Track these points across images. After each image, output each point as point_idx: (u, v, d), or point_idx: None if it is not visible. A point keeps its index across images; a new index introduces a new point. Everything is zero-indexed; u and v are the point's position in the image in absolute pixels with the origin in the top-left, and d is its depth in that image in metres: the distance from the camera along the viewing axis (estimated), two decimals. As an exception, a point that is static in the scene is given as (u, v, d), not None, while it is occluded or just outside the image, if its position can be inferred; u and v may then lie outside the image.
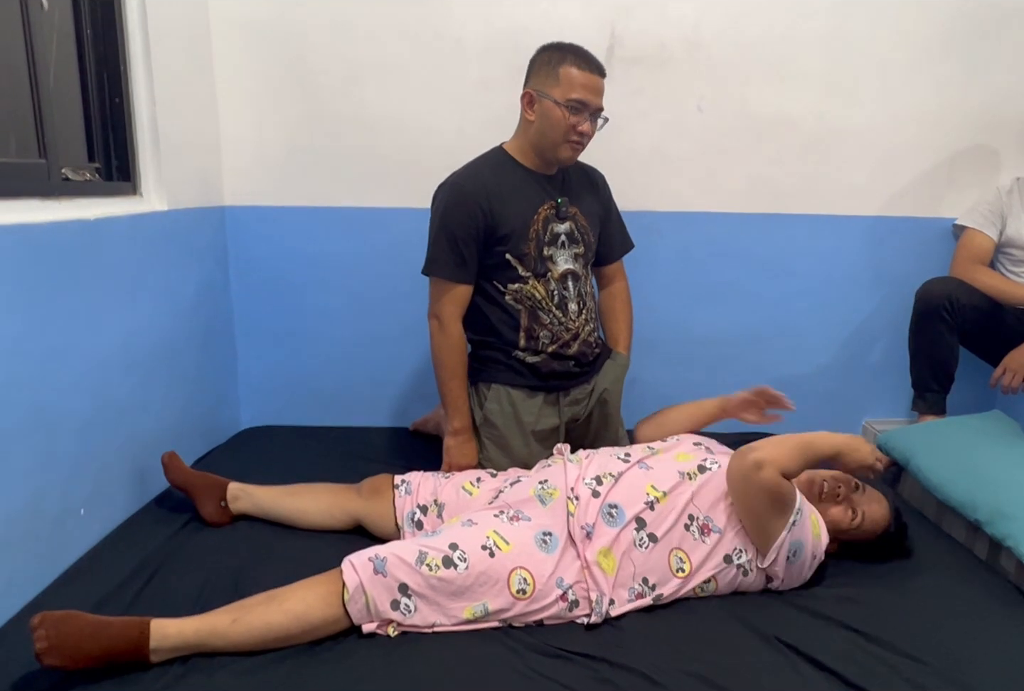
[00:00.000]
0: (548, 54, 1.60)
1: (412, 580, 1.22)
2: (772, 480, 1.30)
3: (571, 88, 1.56)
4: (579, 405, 1.81)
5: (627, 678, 1.14)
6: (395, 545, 1.29)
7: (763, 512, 1.33)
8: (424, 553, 1.25)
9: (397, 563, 1.23)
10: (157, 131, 1.76)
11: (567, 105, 1.57)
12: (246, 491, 1.60)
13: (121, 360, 1.59)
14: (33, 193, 1.41)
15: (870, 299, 2.28)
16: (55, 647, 1.04)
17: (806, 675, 1.16)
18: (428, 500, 1.52)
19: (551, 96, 1.57)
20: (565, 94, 1.56)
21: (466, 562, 1.25)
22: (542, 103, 1.59)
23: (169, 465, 1.60)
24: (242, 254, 2.18)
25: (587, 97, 1.57)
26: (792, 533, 1.32)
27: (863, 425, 2.36)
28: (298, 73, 2.06)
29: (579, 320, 1.74)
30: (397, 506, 1.52)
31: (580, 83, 1.56)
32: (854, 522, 1.45)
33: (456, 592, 1.23)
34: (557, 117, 1.58)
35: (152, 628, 1.12)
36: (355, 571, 1.21)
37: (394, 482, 1.58)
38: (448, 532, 1.33)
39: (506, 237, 1.64)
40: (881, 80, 2.12)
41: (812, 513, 1.40)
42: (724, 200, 2.19)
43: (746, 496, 1.34)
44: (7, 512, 1.24)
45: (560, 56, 1.58)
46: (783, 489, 1.31)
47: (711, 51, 2.08)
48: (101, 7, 1.65)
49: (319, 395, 2.29)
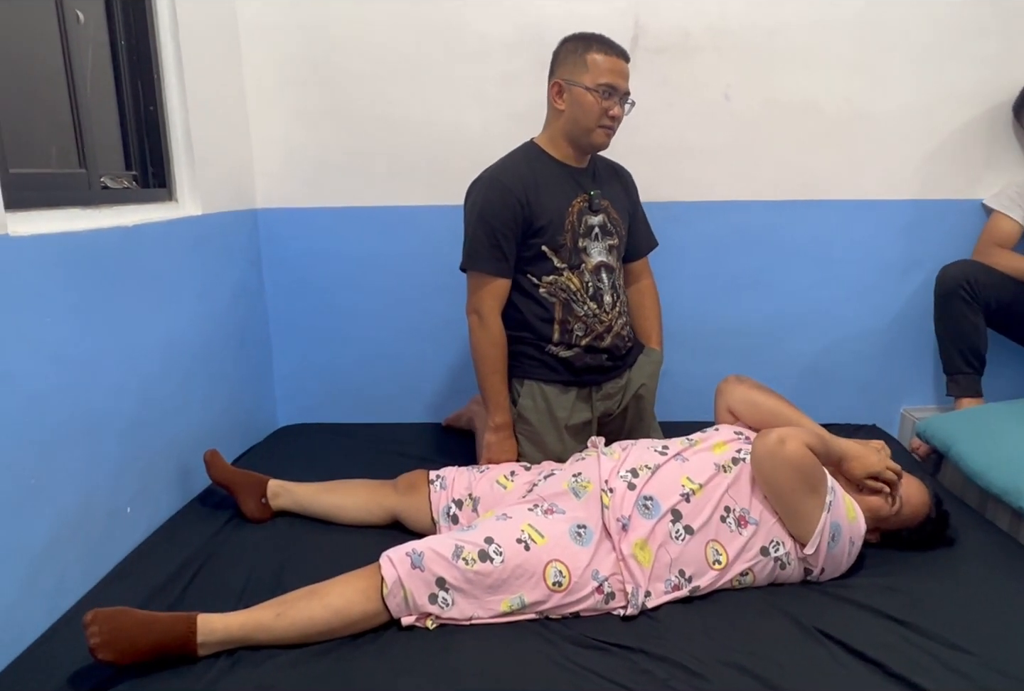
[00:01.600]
0: (572, 43, 1.63)
1: (449, 574, 1.24)
2: (798, 452, 1.29)
3: (600, 73, 1.59)
4: (612, 399, 1.81)
5: (666, 669, 1.14)
6: (431, 540, 1.31)
7: (795, 492, 1.31)
8: (460, 547, 1.26)
9: (434, 558, 1.24)
10: (190, 138, 1.80)
11: (598, 90, 1.59)
12: (285, 488, 1.63)
13: (161, 362, 1.64)
14: (74, 202, 1.45)
15: (907, 285, 2.24)
16: (107, 642, 1.08)
17: (847, 665, 1.15)
18: (463, 494, 1.54)
19: (581, 83, 1.60)
20: (595, 79, 1.59)
21: (502, 556, 1.26)
22: (572, 91, 1.61)
23: (211, 463, 1.64)
24: (275, 255, 2.22)
25: (616, 81, 1.60)
26: (831, 515, 1.31)
27: (901, 413, 2.31)
28: (324, 75, 2.09)
29: (613, 312, 1.75)
30: (432, 501, 1.54)
31: (608, 68, 1.59)
32: (893, 508, 1.43)
33: (493, 585, 1.25)
34: (589, 102, 1.60)
35: (199, 623, 1.15)
36: (393, 566, 1.23)
37: (429, 477, 1.59)
38: (483, 526, 1.34)
39: (543, 229, 1.65)
40: (913, 61, 2.08)
41: (844, 495, 1.38)
42: (753, 188, 2.17)
43: (774, 476, 1.32)
44: (58, 511, 1.29)
45: (585, 44, 1.61)
46: (810, 461, 1.30)
47: (737, 38, 2.05)
48: (134, 18, 1.69)
49: (353, 393, 2.32)
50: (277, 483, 1.64)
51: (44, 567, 1.25)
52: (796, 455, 1.29)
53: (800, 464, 1.30)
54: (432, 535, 1.41)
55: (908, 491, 1.46)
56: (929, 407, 2.30)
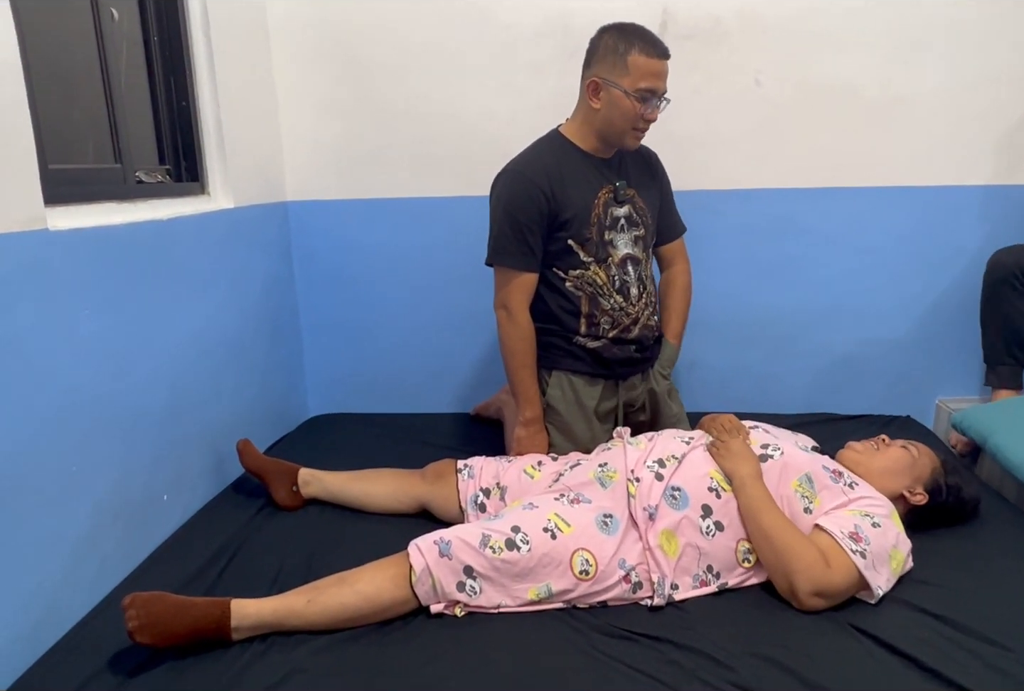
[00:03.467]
0: (613, 40, 1.55)
1: (476, 562, 1.25)
2: (830, 583, 1.24)
3: (641, 77, 1.53)
4: (635, 390, 1.81)
5: (694, 660, 1.14)
6: (459, 529, 1.32)
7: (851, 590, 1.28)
8: (487, 536, 1.27)
9: (461, 546, 1.26)
10: (222, 132, 1.82)
11: (637, 95, 1.54)
12: (315, 476, 1.66)
13: (194, 353, 1.67)
14: (111, 197, 1.48)
15: (944, 273, 2.18)
16: (145, 626, 1.11)
17: (880, 659, 1.13)
18: (491, 483, 1.55)
19: (620, 85, 1.54)
20: (635, 84, 1.53)
21: (528, 544, 1.27)
22: (610, 92, 1.56)
23: (243, 451, 1.67)
24: (305, 247, 2.25)
25: (656, 85, 1.55)
26: (869, 569, 1.26)
27: (936, 404, 2.27)
28: (352, 68, 2.10)
29: (639, 305, 1.73)
30: (460, 490, 1.55)
31: (649, 71, 1.53)
32: (913, 452, 1.49)
33: (520, 573, 1.26)
34: (627, 106, 1.55)
35: (232, 608, 1.17)
36: (421, 554, 1.25)
37: (457, 467, 1.61)
38: (510, 515, 1.35)
39: (568, 222, 1.64)
40: (950, 42, 2.01)
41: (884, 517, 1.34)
42: (784, 176, 2.13)
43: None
44: (97, 499, 1.33)
45: (627, 43, 1.53)
46: (842, 573, 1.24)
47: (767, 22, 2.01)
48: (167, 15, 1.71)
49: (382, 383, 2.34)
50: (308, 472, 1.66)
51: (85, 552, 1.29)
52: (832, 587, 1.24)
53: (838, 588, 1.25)
54: (460, 524, 1.42)
55: (915, 443, 1.53)
56: (965, 398, 2.24)
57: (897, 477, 1.46)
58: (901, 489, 1.45)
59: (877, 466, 1.47)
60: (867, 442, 1.54)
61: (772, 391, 2.27)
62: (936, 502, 1.47)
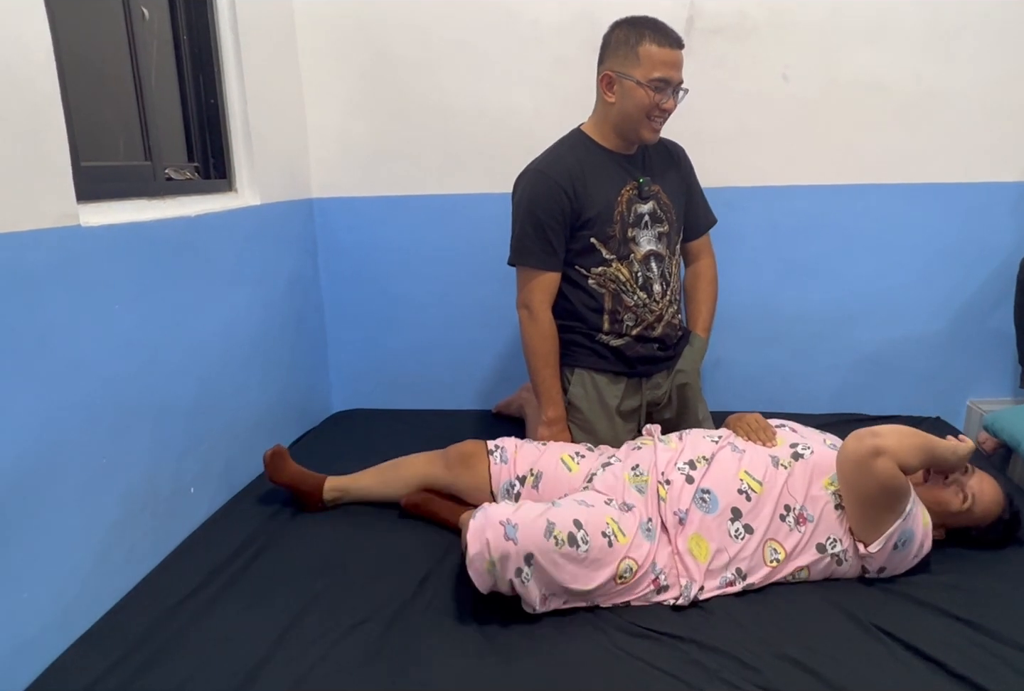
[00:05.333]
0: (624, 32, 1.55)
1: (539, 550, 1.20)
2: (888, 471, 1.23)
3: (653, 67, 1.52)
4: (660, 389, 1.79)
5: (717, 660, 1.13)
6: (524, 511, 1.25)
7: (873, 503, 1.27)
8: (552, 524, 1.23)
9: (528, 532, 1.20)
10: (249, 129, 1.84)
11: (650, 85, 1.53)
12: (340, 489, 1.63)
13: (221, 348, 1.69)
14: (140, 193, 1.50)
15: (976, 272, 2.14)
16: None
17: (907, 664, 1.12)
18: (526, 470, 1.52)
19: (632, 76, 1.53)
20: (647, 74, 1.52)
21: (588, 544, 1.24)
22: (623, 84, 1.56)
23: (271, 463, 1.62)
24: (330, 244, 2.26)
25: (669, 74, 1.53)
26: (905, 522, 1.27)
27: (967, 405, 2.22)
28: (378, 65, 2.11)
29: (663, 301, 1.72)
30: (492, 474, 1.53)
31: (661, 60, 1.52)
32: (964, 505, 1.37)
33: (570, 571, 1.23)
34: (640, 97, 1.54)
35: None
36: (485, 535, 1.19)
37: (488, 448, 1.57)
38: (568, 507, 1.30)
39: (591, 220, 1.63)
40: (985, 35, 1.97)
41: (921, 506, 1.33)
42: (812, 172, 2.10)
43: (857, 483, 1.27)
44: (126, 489, 1.35)
45: (638, 33, 1.53)
46: (897, 483, 1.25)
47: (796, 16, 1.98)
48: (196, 14, 1.73)
49: (406, 379, 2.36)
50: (331, 486, 1.63)
51: (115, 541, 1.32)
52: (884, 474, 1.23)
53: (885, 483, 1.24)
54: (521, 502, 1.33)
55: (981, 487, 1.40)
56: (997, 399, 2.20)
57: (929, 511, 1.36)
58: None
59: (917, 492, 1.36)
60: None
61: (799, 390, 2.25)
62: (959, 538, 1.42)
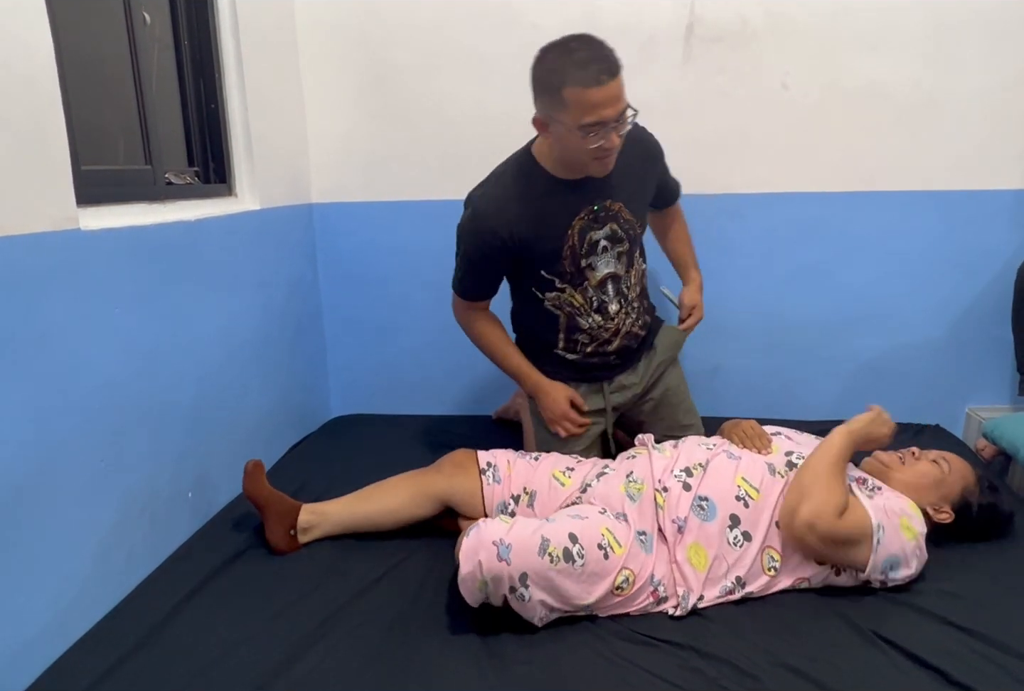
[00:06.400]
0: (545, 72, 1.38)
1: (534, 569, 1.19)
2: (830, 531, 1.25)
3: (582, 112, 1.34)
4: (628, 390, 1.77)
5: (716, 668, 1.13)
6: (517, 528, 1.24)
7: (841, 553, 1.29)
8: (547, 541, 1.22)
9: (521, 551, 1.20)
10: (250, 134, 1.84)
11: (582, 131, 1.37)
12: (319, 512, 1.51)
13: (220, 352, 1.69)
14: (141, 197, 1.50)
15: (975, 279, 2.14)
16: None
17: (907, 672, 1.12)
18: (519, 489, 1.52)
19: (562, 121, 1.38)
20: (577, 120, 1.35)
21: (583, 558, 1.23)
22: (555, 128, 1.41)
23: (249, 474, 1.49)
24: (329, 249, 2.26)
25: (602, 115, 1.35)
26: (879, 553, 1.27)
27: (967, 412, 2.22)
28: (379, 71, 2.11)
29: (619, 317, 1.68)
30: (486, 494, 1.52)
31: (590, 104, 1.33)
32: (944, 467, 1.45)
33: (567, 587, 1.22)
34: (576, 142, 1.39)
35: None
36: (477, 555, 1.18)
37: (480, 465, 1.56)
38: (562, 521, 1.30)
39: (538, 259, 1.59)
40: (988, 42, 1.97)
41: (900, 516, 1.31)
42: (812, 179, 2.10)
43: (815, 552, 1.29)
44: (125, 493, 1.35)
45: (560, 73, 1.34)
46: (847, 529, 1.26)
47: (796, 24, 1.99)
48: (197, 19, 1.74)
49: (405, 384, 2.35)
50: (309, 510, 1.51)
51: (114, 544, 1.31)
52: (830, 534, 1.25)
53: (837, 539, 1.26)
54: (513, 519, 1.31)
55: (943, 454, 1.50)
56: (996, 407, 2.20)
57: (921, 492, 1.42)
58: (925, 505, 1.40)
59: (901, 479, 1.43)
60: (894, 453, 1.50)
61: (798, 397, 2.25)
62: (964, 520, 1.43)
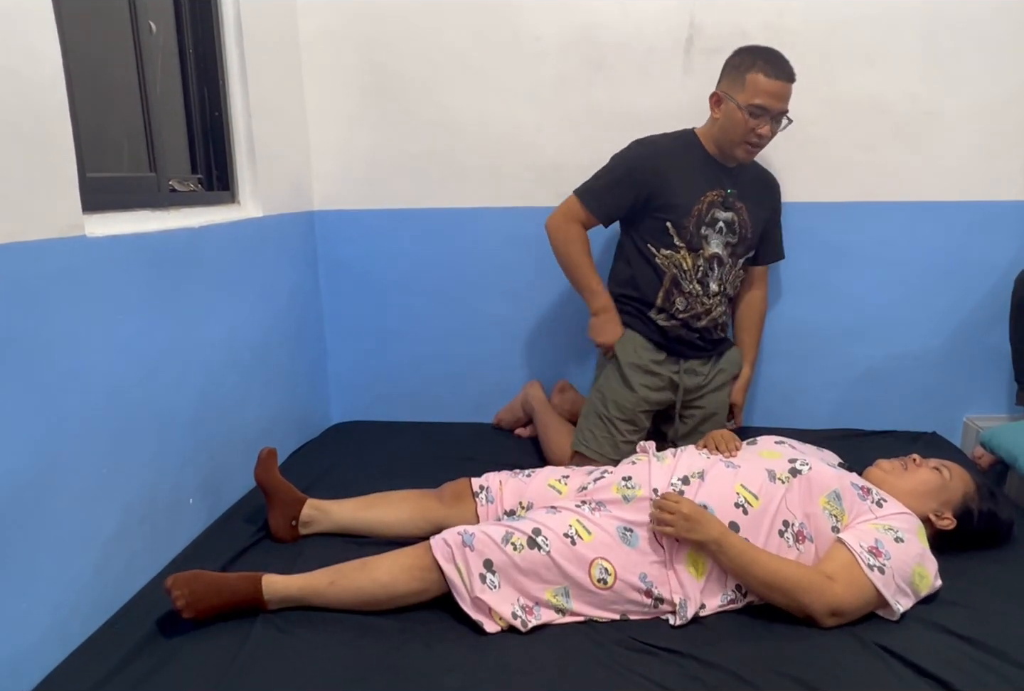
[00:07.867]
0: (740, 58, 1.72)
1: (496, 557, 1.27)
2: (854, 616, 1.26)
3: (755, 93, 1.67)
4: (697, 377, 1.89)
5: (716, 676, 1.13)
6: (483, 525, 1.36)
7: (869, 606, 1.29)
8: (510, 533, 1.30)
9: (484, 540, 1.28)
10: (252, 142, 1.85)
11: (748, 110, 1.67)
12: (322, 510, 1.56)
13: (223, 359, 1.69)
14: (145, 204, 1.51)
15: (973, 289, 2.15)
16: (190, 603, 1.21)
17: (908, 681, 1.12)
18: (514, 504, 1.52)
19: (735, 99, 1.69)
20: (748, 99, 1.67)
21: (548, 546, 1.28)
22: (727, 104, 1.71)
23: (262, 461, 1.56)
24: (331, 256, 2.27)
25: (769, 103, 1.67)
26: (903, 603, 1.27)
27: (964, 421, 2.23)
28: (381, 80, 2.13)
29: (714, 299, 1.85)
30: (480, 516, 1.51)
31: (764, 89, 1.66)
32: (945, 474, 1.47)
33: (537, 572, 1.26)
34: (738, 119, 1.69)
35: (264, 583, 1.27)
36: (448, 544, 1.27)
37: (473, 489, 1.55)
38: (533, 516, 1.37)
39: (669, 206, 1.77)
40: (985, 56, 1.99)
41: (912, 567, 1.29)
42: (810, 190, 2.11)
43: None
44: (126, 500, 1.35)
45: (750, 61, 1.69)
46: (868, 607, 1.27)
47: (795, 36, 2.00)
48: (202, 28, 1.75)
49: (405, 392, 2.35)
50: (313, 505, 1.55)
51: (114, 551, 1.31)
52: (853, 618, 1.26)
53: (856, 612, 1.26)
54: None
55: (942, 461, 1.52)
56: (994, 416, 2.21)
57: (923, 500, 1.43)
58: (927, 512, 1.42)
59: (904, 487, 1.44)
60: (896, 461, 1.51)
61: (797, 405, 2.25)
62: (965, 527, 1.44)
